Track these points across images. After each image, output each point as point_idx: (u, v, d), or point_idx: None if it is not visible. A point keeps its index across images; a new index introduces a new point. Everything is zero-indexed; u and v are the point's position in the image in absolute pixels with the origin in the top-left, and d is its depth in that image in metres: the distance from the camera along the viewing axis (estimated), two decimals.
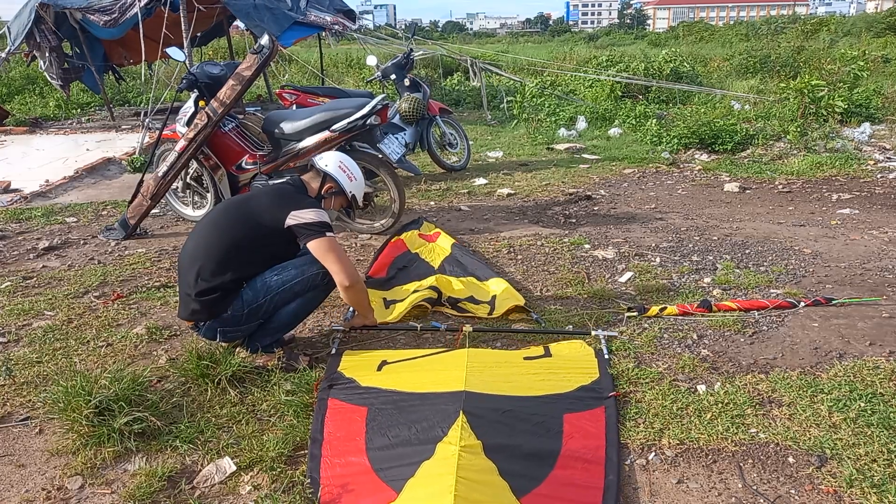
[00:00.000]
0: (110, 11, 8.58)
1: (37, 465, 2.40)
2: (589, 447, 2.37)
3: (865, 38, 21.10)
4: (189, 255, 2.95)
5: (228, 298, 2.90)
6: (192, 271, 2.87)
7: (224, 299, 2.89)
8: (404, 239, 4.56)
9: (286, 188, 3.10)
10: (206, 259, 2.87)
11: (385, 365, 2.95)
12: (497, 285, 3.78)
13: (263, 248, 2.95)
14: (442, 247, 4.42)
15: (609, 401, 2.65)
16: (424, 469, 2.16)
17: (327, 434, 2.44)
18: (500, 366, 2.95)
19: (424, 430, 2.36)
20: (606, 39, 38.06)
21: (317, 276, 2.93)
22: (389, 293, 3.80)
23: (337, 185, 3.16)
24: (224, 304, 2.90)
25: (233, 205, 3.12)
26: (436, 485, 2.05)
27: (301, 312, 3.07)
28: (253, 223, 2.92)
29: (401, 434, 2.37)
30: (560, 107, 10.22)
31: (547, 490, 2.13)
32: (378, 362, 2.97)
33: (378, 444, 2.35)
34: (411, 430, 2.38)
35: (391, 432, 2.40)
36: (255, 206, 2.98)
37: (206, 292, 2.86)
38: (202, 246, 2.93)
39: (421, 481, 2.11)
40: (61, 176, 6.89)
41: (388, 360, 2.99)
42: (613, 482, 2.20)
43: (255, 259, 2.95)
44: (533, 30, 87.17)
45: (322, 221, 2.89)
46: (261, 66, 4.63)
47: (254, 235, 2.92)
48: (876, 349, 3.06)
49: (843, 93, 8.58)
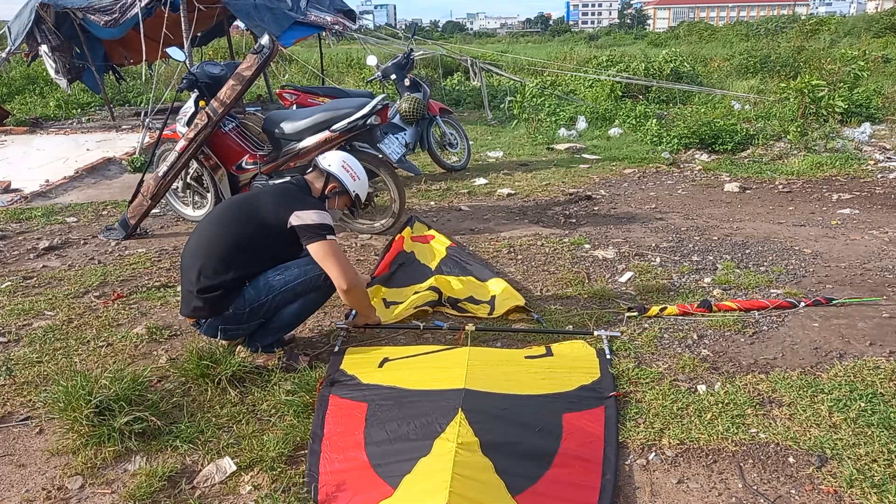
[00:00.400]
0: (111, 11, 8.58)
1: (37, 465, 2.40)
2: (587, 446, 2.37)
3: (866, 38, 21.10)
4: (191, 252, 2.95)
5: (230, 296, 2.90)
6: (194, 269, 2.88)
7: (226, 297, 2.90)
8: (404, 235, 4.58)
9: (290, 187, 3.10)
10: (209, 257, 2.87)
11: (387, 362, 2.95)
12: (496, 285, 3.78)
13: (266, 247, 2.95)
14: (438, 249, 4.42)
15: (609, 401, 2.65)
16: (421, 465, 2.16)
17: (327, 430, 2.44)
18: (501, 364, 2.95)
19: (423, 426, 2.36)
20: (607, 39, 38.11)
21: (319, 278, 2.93)
22: (390, 293, 3.80)
23: (340, 185, 3.16)
24: (226, 301, 2.90)
25: (236, 203, 3.12)
26: (431, 481, 2.05)
27: (303, 313, 3.07)
28: (256, 222, 2.93)
29: (399, 430, 2.38)
30: (560, 107, 10.22)
31: (543, 489, 2.13)
32: (380, 359, 2.97)
33: (376, 440, 2.35)
34: (410, 426, 2.38)
35: (390, 428, 2.40)
36: (259, 204, 2.98)
37: (208, 290, 2.86)
38: (204, 244, 2.93)
39: (417, 477, 2.11)
40: (61, 176, 6.90)
41: (389, 358, 2.99)
42: (610, 482, 2.20)
43: (258, 258, 2.95)
44: (533, 30, 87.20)
45: (324, 224, 2.90)
46: (261, 66, 4.64)
47: (256, 234, 2.92)
48: (876, 349, 3.06)
49: (843, 93, 8.58)
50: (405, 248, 4.44)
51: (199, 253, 2.91)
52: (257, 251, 2.93)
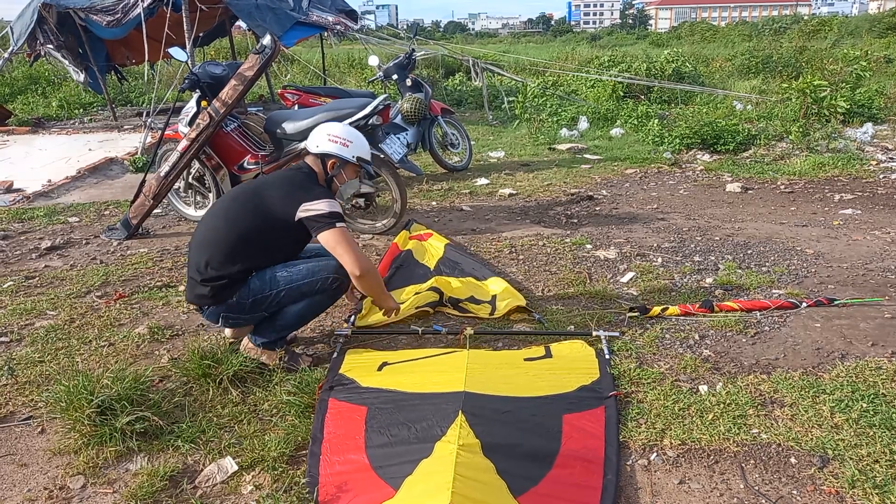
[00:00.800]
0: (113, 12, 8.59)
1: (39, 465, 2.40)
2: (588, 447, 2.37)
3: (868, 38, 21.07)
4: (198, 243, 2.96)
5: (235, 286, 2.91)
6: (201, 259, 2.89)
7: (231, 287, 2.90)
8: (397, 241, 4.53)
9: (297, 176, 3.06)
10: (215, 250, 2.88)
11: (386, 366, 2.95)
12: (496, 285, 3.78)
13: (273, 239, 2.95)
14: (435, 247, 4.41)
15: (609, 400, 2.64)
16: (423, 467, 2.16)
17: (327, 433, 2.44)
18: (500, 367, 2.95)
19: (424, 429, 2.36)
20: (608, 39, 38.06)
21: (325, 281, 2.93)
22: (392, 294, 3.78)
23: (338, 158, 3.12)
24: (230, 290, 2.91)
25: (243, 194, 3.08)
26: (433, 482, 2.06)
27: (307, 314, 3.07)
28: (263, 215, 2.92)
29: (400, 433, 2.38)
30: (562, 107, 10.22)
31: (545, 489, 2.14)
32: (379, 363, 2.97)
33: (377, 443, 2.35)
34: (410, 429, 2.38)
35: (390, 431, 2.40)
36: (267, 197, 2.96)
37: (214, 279, 2.87)
38: (212, 236, 2.93)
39: (419, 479, 2.12)
40: (64, 176, 6.91)
41: (388, 361, 2.99)
42: (612, 482, 2.20)
43: (265, 250, 2.95)
44: (535, 30, 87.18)
45: (333, 212, 2.88)
46: (263, 67, 4.64)
47: (264, 227, 2.91)
48: (878, 350, 3.05)
49: (845, 93, 8.57)
50: (401, 247, 4.43)
51: (207, 245, 2.92)
52: (265, 243, 2.93)
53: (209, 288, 2.88)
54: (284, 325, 3.04)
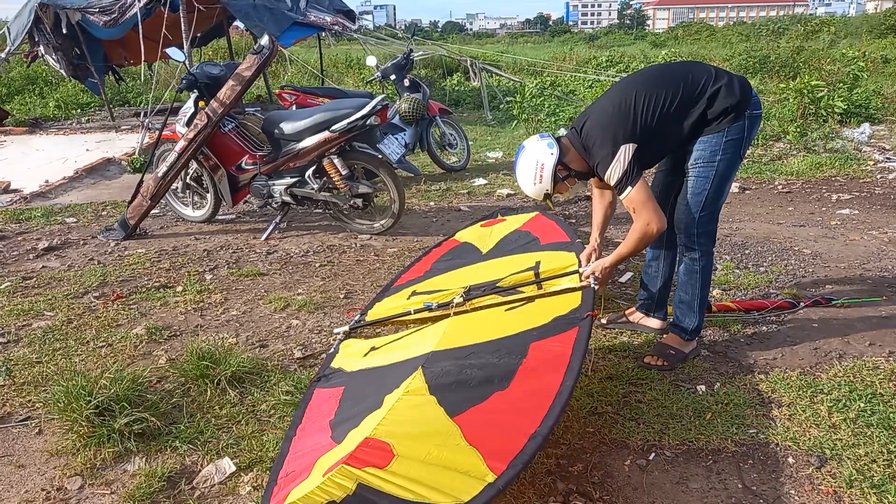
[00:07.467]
0: (110, 12, 8.57)
1: (36, 466, 2.40)
2: (550, 363, 2.19)
3: (866, 38, 21.12)
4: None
5: None
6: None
7: None
8: (458, 238, 3.95)
9: None
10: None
11: (373, 350, 2.86)
12: (565, 260, 3.14)
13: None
14: (504, 228, 3.78)
15: (584, 321, 2.38)
16: (368, 419, 2.09)
17: (305, 419, 2.35)
18: (478, 323, 2.76)
19: (380, 390, 2.27)
20: (606, 40, 38.11)
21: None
22: (421, 285, 3.34)
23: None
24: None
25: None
26: (369, 425, 2.00)
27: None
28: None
29: (365, 401, 2.26)
30: (560, 107, 10.20)
31: (490, 406, 2.03)
32: (367, 349, 2.88)
33: (341, 417, 2.25)
34: (373, 397, 2.27)
35: (355, 402, 2.31)
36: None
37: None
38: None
39: (361, 429, 2.04)
40: (61, 176, 6.89)
41: (376, 346, 2.89)
42: (569, 387, 2.03)
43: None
44: (533, 30, 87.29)
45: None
46: (261, 67, 4.64)
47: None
48: (875, 349, 3.06)
49: (842, 93, 8.58)
50: (460, 241, 3.88)
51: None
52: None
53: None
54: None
